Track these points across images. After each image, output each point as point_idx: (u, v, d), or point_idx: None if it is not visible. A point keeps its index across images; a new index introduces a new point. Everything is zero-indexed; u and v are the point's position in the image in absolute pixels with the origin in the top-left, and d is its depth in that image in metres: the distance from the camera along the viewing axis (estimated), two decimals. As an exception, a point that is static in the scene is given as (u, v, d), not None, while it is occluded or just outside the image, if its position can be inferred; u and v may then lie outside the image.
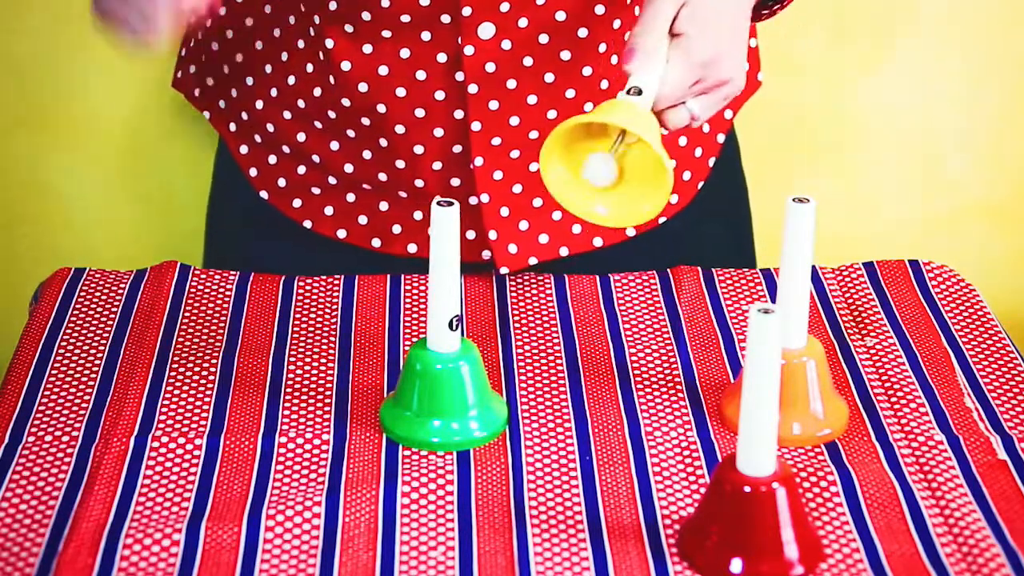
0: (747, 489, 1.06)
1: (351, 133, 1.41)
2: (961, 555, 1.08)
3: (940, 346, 1.34)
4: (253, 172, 1.48)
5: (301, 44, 1.40)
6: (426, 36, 1.35)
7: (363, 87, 1.37)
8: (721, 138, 1.50)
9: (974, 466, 1.18)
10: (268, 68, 1.43)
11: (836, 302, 1.41)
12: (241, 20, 1.44)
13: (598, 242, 1.45)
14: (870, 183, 1.82)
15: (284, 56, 1.41)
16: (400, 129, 1.39)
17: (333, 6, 1.35)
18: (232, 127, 1.48)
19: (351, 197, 1.45)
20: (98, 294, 1.41)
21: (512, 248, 1.43)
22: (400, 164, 1.41)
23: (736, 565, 1.06)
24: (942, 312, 1.39)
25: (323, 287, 1.42)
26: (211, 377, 1.29)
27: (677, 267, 1.45)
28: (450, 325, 1.19)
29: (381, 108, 1.38)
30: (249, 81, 1.44)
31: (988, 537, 1.10)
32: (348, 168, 1.43)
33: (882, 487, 1.15)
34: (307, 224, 1.46)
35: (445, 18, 1.34)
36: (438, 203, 1.16)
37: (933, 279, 1.44)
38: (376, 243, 1.45)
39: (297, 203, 1.46)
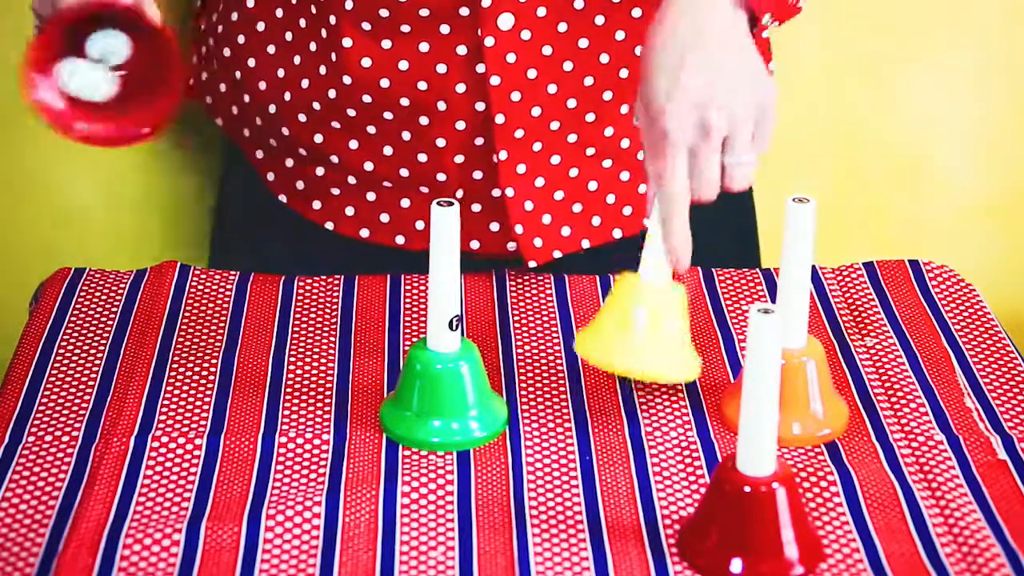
0: (747, 489, 1.06)
1: (371, 130, 1.41)
2: (961, 555, 1.08)
3: (940, 346, 1.34)
4: (271, 176, 1.47)
5: (313, 47, 1.40)
6: (445, 29, 1.35)
7: (384, 83, 1.37)
8: None
9: (974, 466, 1.18)
10: (281, 72, 1.42)
11: (836, 302, 1.41)
12: (252, 25, 1.43)
13: (617, 233, 1.45)
14: (870, 183, 1.82)
15: (297, 59, 1.41)
16: (424, 121, 1.39)
17: (349, 5, 1.35)
18: (246, 132, 1.48)
19: (372, 196, 1.45)
20: (98, 294, 1.41)
21: (537, 242, 1.43)
22: (422, 158, 1.41)
23: (736, 565, 1.06)
24: (942, 312, 1.39)
25: (323, 287, 1.42)
26: (211, 377, 1.29)
27: (677, 267, 1.45)
28: (450, 325, 1.19)
29: (404, 102, 1.38)
30: (262, 85, 1.44)
31: (988, 537, 1.09)
32: (368, 166, 1.43)
33: (882, 487, 1.15)
34: (329, 226, 1.46)
35: (464, 11, 1.34)
36: (437, 203, 1.16)
37: (933, 279, 1.44)
38: (400, 240, 1.45)
39: (317, 205, 1.46)
